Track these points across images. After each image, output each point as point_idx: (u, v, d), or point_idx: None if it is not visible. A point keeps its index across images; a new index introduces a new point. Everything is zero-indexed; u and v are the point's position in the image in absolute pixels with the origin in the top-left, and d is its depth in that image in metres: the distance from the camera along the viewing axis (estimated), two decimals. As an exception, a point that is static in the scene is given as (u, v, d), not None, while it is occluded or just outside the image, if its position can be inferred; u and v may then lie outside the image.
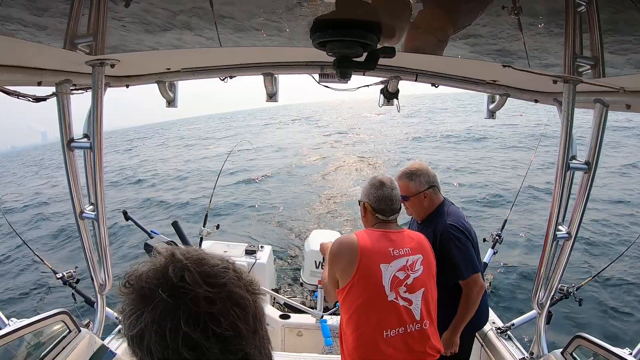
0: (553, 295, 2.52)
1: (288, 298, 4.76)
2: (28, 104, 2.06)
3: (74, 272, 2.90)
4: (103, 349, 2.49)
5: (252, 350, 0.76)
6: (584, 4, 1.16)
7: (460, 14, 1.32)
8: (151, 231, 3.78)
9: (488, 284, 3.41)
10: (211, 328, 0.71)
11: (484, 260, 3.69)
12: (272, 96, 2.79)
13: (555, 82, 1.91)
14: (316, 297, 4.40)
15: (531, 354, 2.71)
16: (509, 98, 2.67)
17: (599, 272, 3.54)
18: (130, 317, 0.73)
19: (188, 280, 0.72)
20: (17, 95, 1.98)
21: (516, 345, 3.00)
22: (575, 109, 1.95)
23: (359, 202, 2.47)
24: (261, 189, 16.64)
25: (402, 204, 2.44)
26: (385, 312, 2.14)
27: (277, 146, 30.24)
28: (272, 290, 4.71)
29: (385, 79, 2.70)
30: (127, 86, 2.54)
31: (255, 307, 0.79)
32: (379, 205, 2.33)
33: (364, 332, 2.15)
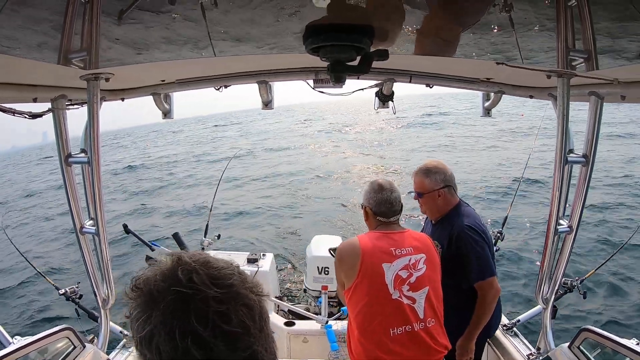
0: (557, 290, 2.51)
1: (292, 305, 4.74)
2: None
3: (77, 287, 2.89)
4: (108, 364, 2.47)
5: (259, 348, 0.78)
6: (575, -3, 1.17)
7: (467, 14, 1.32)
8: (152, 243, 3.78)
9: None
10: (220, 326, 0.72)
11: None
12: (267, 104, 2.79)
13: (549, 77, 1.92)
14: (320, 302, 4.38)
15: (538, 349, 2.70)
16: (504, 95, 2.68)
17: (602, 264, 3.52)
18: (139, 319, 0.75)
19: (197, 282, 0.74)
20: (13, 112, 1.97)
21: (523, 342, 2.99)
22: (570, 102, 1.95)
23: (362, 206, 2.51)
24: (262, 195, 16.58)
25: (402, 204, 2.44)
26: (390, 310, 2.18)
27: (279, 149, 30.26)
28: (276, 297, 4.68)
29: (379, 81, 2.71)
30: (122, 99, 2.54)
31: (261, 307, 0.81)
32: (379, 208, 2.37)
33: (370, 330, 2.18)
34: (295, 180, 18.95)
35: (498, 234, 3.81)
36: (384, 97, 2.86)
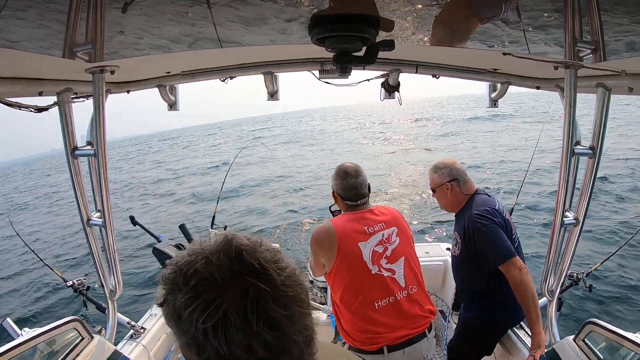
0: (563, 282, 2.50)
1: None
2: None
3: (84, 279, 2.92)
4: (116, 355, 2.50)
5: (313, 327, 0.79)
6: (583, -13, 1.16)
7: (484, 6, 1.31)
8: (159, 235, 3.80)
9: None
10: (294, 309, 0.73)
11: None
12: (273, 95, 2.79)
13: (556, 68, 1.90)
14: (326, 293, 4.40)
15: (543, 341, 2.69)
16: (510, 86, 2.66)
17: (608, 257, 3.50)
18: (198, 308, 0.69)
19: (267, 268, 0.73)
20: (19, 106, 1.98)
21: (528, 333, 2.99)
22: (577, 94, 1.94)
23: (332, 190, 2.64)
24: (267, 187, 16.58)
25: (369, 185, 2.59)
26: (372, 285, 2.30)
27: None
28: None
29: (385, 72, 2.69)
30: (128, 92, 2.54)
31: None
32: (346, 194, 2.52)
33: (356, 306, 2.29)
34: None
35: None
36: (390, 88, 2.84)
